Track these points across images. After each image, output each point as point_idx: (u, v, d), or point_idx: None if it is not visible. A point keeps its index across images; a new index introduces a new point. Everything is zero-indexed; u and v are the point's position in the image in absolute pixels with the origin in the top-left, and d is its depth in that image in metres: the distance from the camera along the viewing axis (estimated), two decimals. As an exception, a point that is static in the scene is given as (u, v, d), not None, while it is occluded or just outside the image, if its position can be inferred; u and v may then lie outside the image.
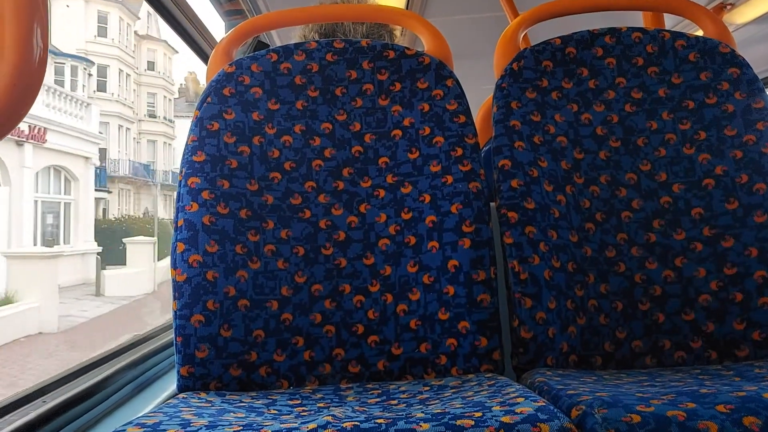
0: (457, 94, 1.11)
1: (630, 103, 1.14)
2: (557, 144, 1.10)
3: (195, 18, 1.86)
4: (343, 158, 1.09)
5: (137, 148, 26.93)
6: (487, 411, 0.66)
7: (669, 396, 0.70)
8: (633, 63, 1.17)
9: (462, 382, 0.88)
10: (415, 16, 1.26)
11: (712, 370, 0.90)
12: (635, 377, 0.89)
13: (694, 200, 1.07)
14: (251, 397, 0.87)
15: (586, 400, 0.70)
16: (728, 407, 0.65)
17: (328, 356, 0.98)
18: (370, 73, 1.13)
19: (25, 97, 0.59)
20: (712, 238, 1.05)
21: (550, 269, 0.98)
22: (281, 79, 1.11)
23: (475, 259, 0.99)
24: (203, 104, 1.07)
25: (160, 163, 27.98)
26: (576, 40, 1.18)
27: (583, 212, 1.07)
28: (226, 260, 0.97)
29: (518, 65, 1.14)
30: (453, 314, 0.97)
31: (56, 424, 0.97)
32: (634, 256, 1.05)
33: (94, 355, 1.33)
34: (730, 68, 1.14)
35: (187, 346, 0.93)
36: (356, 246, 1.04)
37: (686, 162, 1.10)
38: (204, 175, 1.01)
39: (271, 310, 0.98)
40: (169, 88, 28.99)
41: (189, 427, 0.66)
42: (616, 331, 1.00)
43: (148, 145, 27.71)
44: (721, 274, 1.03)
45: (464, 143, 1.07)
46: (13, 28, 0.57)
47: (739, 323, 1.00)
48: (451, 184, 1.04)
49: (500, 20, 1.88)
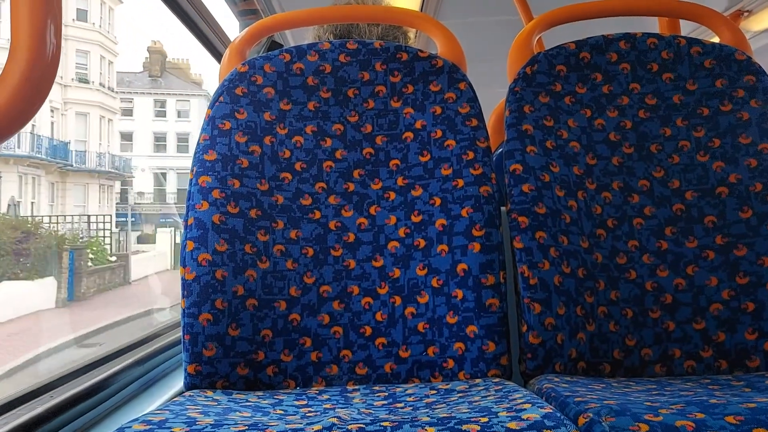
0: (469, 98, 1.10)
1: (644, 109, 1.14)
2: (570, 149, 1.10)
3: (209, 17, 1.87)
4: (354, 160, 1.09)
5: (61, 121, 20.38)
6: (493, 416, 0.65)
7: (678, 405, 0.69)
8: (648, 69, 1.16)
9: (469, 386, 0.88)
10: (428, 19, 1.25)
11: (722, 380, 0.89)
12: (644, 386, 0.88)
13: (707, 208, 1.06)
14: (258, 397, 0.87)
15: (593, 407, 0.69)
16: (738, 418, 0.64)
17: (335, 357, 0.98)
18: (382, 74, 1.13)
19: (37, 92, 0.59)
20: (725, 246, 1.04)
21: (560, 275, 0.98)
22: (294, 80, 1.11)
23: (485, 263, 0.98)
24: (215, 103, 1.07)
25: (93, 143, 21.40)
26: (590, 45, 1.17)
27: (595, 218, 1.06)
28: (235, 259, 0.97)
29: (532, 69, 1.14)
30: (461, 318, 0.97)
31: (63, 420, 0.98)
32: (646, 264, 1.04)
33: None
34: (746, 76, 1.13)
35: (195, 344, 0.93)
36: (365, 248, 1.04)
37: (700, 169, 1.09)
38: (215, 174, 1.01)
39: (280, 310, 0.98)
40: (109, 47, 22.08)
41: (194, 426, 0.66)
42: (625, 339, 1.00)
43: (77, 118, 20.99)
44: (733, 283, 1.01)
45: (476, 147, 1.06)
46: (27, 24, 0.58)
47: (750, 333, 0.99)
48: (462, 187, 1.03)
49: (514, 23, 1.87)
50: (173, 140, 28.29)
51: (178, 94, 28.53)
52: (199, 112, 28.69)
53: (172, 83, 28.87)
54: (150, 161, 27.75)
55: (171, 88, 28.56)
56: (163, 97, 28.30)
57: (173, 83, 28.89)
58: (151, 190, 28.16)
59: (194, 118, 29.05)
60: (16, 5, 0.58)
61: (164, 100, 28.40)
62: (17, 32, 0.58)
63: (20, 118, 0.59)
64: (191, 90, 29.11)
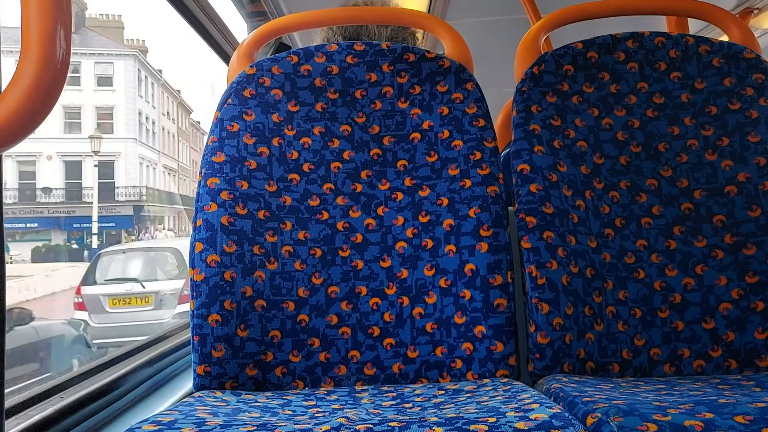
0: (476, 98, 1.10)
1: (652, 108, 1.13)
2: (577, 149, 1.10)
3: (217, 19, 1.88)
4: (362, 160, 1.09)
5: None
6: (501, 417, 0.65)
7: (687, 405, 0.69)
8: (655, 68, 1.15)
9: (477, 386, 0.88)
10: (435, 19, 1.25)
11: (731, 380, 0.89)
12: (653, 385, 0.88)
13: (715, 207, 1.06)
14: (266, 397, 0.87)
15: (602, 407, 0.69)
16: (747, 418, 0.64)
17: (343, 358, 0.98)
18: (389, 75, 1.13)
19: (47, 96, 0.60)
20: (734, 245, 1.03)
21: (568, 275, 0.98)
22: (301, 81, 1.12)
23: (493, 264, 0.99)
24: (224, 105, 1.08)
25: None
26: (598, 44, 1.17)
27: (603, 218, 1.06)
28: (243, 260, 0.97)
29: (539, 69, 1.14)
30: (469, 318, 0.97)
31: (73, 420, 0.99)
32: (654, 263, 1.04)
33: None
34: (754, 74, 1.13)
35: (204, 345, 0.93)
36: (373, 248, 1.04)
37: (708, 168, 1.08)
38: (223, 176, 1.01)
39: (288, 311, 0.98)
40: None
41: (203, 426, 0.67)
42: (634, 339, 0.99)
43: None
44: (742, 282, 1.01)
45: (483, 147, 1.06)
46: (37, 29, 0.59)
47: (760, 333, 0.98)
48: (470, 187, 1.03)
49: (521, 23, 1.87)
50: (91, 116, 21.68)
51: (97, 53, 21.43)
52: (128, 76, 22.19)
53: (92, 42, 22.00)
54: (58, 146, 21.18)
55: (89, 46, 21.52)
56: (76, 59, 21.17)
57: (93, 42, 22.00)
58: (62, 185, 21.62)
59: (120, 86, 22.21)
60: (27, 10, 0.59)
61: (78, 62, 21.37)
62: (28, 37, 0.59)
63: (31, 121, 0.59)
64: (114, 48, 22.07)
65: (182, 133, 32.25)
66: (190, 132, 34.02)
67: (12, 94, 0.58)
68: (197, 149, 33.84)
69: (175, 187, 30.19)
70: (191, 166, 32.86)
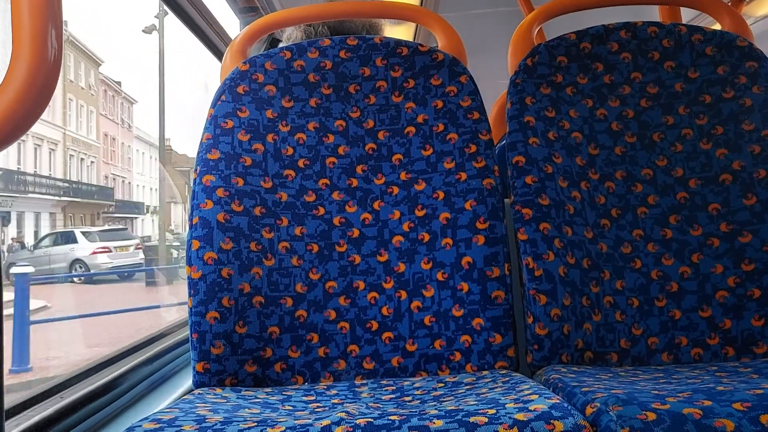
0: (470, 91, 1.10)
1: (646, 98, 1.13)
2: (572, 140, 1.10)
3: (209, 15, 1.87)
4: (357, 155, 1.09)
5: None
6: (500, 408, 0.66)
7: (685, 393, 0.69)
8: (649, 57, 1.15)
9: (476, 378, 0.88)
10: (428, 13, 1.25)
11: (729, 367, 0.89)
12: (651, 374, 0.88)
13: (711, 196, 1.06)
14: (266, 393, 0.87)
15: (600, 397, 0.69)
16: (745, 405, 0.64)
17: (342, 353, 0.98)
18: (383, 69, 1.13)
19: (40, 96, 0.59)
20: (730, 233, 1.04)
21: (564, 266, 0.98)
22: (295, 77, 1.12)
23: (489, 256, 0.99)
24: (217, 102, 1.07)
25: None
26: (591, 35, 1.17)
27: (599, 208, 1.06)
28: (240, 257, 0.97)
29: (532, 61, 1.14)
30: (467, 311, 0.97)
31: (73, 420, 0.99)
32: (651, 252, 1.04)
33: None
34: (747, 62, 1.13)
35: (203, 342, 0.93)
36: (370, 243, 1.04)
37: (703, 157, 1.09)
38: (218, 173, 1.01)
39: (286, 307, 0.98)
40: None
41: (204, 423, 0.67)
42: (632, 328, 1.00)
43: None
44: (738, 270, 1.01)
45: (478, 140, 1.06)
46: (29, 29, 0.59)
47: (757, 320, 0.99)
48: (465, 180, 1.03)
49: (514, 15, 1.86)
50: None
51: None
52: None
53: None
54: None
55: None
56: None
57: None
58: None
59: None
60: (17, 10, 0.58)
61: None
62: (19, 37, 0.58)
63: (24, 122, 0.59)
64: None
65: (81, 92, 23.62)
66: (99, 93, 25.28)
67: (4, 94, 0.58)
68: (114, 119, 26.00)
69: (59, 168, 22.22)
70: (102, 142, 25.20)
